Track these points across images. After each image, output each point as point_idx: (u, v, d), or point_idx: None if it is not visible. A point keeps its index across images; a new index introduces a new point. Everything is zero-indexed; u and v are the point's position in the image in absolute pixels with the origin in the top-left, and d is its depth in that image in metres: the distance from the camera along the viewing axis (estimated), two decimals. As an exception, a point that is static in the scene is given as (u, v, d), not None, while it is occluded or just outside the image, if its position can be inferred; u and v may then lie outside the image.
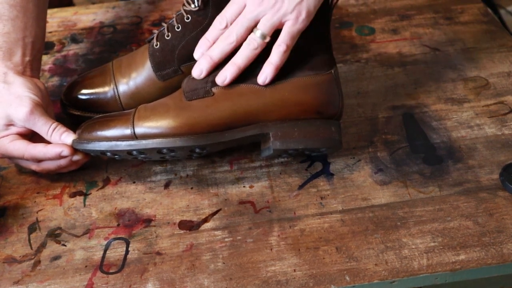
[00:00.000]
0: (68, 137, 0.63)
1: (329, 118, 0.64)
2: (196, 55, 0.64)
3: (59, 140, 0.63)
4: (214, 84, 0.61)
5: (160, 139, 0.61)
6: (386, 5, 0.96)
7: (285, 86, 0.62)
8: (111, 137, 0.61)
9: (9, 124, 0.64)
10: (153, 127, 0.60)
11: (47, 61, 0.87)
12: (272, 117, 0.62)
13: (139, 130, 0.61)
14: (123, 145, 0.61)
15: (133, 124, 0.61)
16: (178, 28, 0.70)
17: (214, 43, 0.63)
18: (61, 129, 0.64)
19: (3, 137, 0.64)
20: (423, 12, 0.94)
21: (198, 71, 0.63)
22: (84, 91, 0.72)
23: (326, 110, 0.63)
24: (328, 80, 0.63)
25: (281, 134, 0.62)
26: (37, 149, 0.63)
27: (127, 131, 0.61)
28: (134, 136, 0.61)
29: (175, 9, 0.98)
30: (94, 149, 0.62)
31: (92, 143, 0.62)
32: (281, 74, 0.62)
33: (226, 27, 0.62)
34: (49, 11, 0.92)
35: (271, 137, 0.62)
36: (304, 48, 0.62)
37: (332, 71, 0.63)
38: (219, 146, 0.63)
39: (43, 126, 0.64)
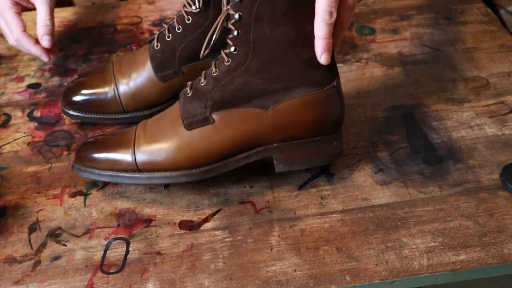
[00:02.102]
0: (48, 42, 0.79)
1: (331, 130, 0.63)
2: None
3: (40, 37, 0.79)
4: (213, 109, 0.59)
5: (163, 173, 0.61)
6: (386, 5, 0.96)
7: (287, 106, 0.59)
8: (113, 164, 0.61)
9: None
10: (154, 159, 0.60)
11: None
12: (274, 139, 0.61)
13: (141, 159, 0.60)
14: (126, 177, 0.61)
15: (134, 152, 0.60)
16: (179, 29, 0.70)
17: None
18: (49, 31, 0.79)
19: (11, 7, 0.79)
20: (423, 12, 0.94)
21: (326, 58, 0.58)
22: (84, 91, 0.72)
23: (328, 125, 0.62)
24: (331, 94, 0.61)
25: (284, 157, 0.62)
26: (27, 41, 0.80)
27: (128, 158, 0.60)
28: (136, 167, 0.60)
29: (175, 9, 0.98)
30: (96, 178, 0.63)
31: (93, 173, 0.62)
32: (282, 93, 0.59)
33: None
34: (49, 11, 0.92)
35: (274, 160, 0.63)
36: (306, 61, 0.59)
37: (334, 83, 0.61)
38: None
39: (45, 14, 0.79)
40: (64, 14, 0.97)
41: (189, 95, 0.61)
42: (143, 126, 0.63)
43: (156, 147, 0.60)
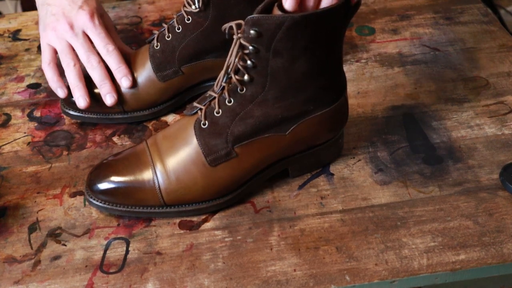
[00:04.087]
0: (126, 82, 0.71)
1: (338, 131, 0.65)
2: None
3: (119, 80, 0.71)
4: (234, 143, 0.59)
5: (194, 207, 0.61)
6: (386, 5, 0.96)
7: (303, 127, 0.61)
8: (138, 201, 0.60)
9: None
10: (182, 197, 0.60)
11: (47, 61, 0.87)
12: (291, 153, 0.63)
13: (168, 198, 0.60)
14: (157, 213, 0.61)
15: (160, 191, 0.59)
16: (178, 29, 0.70)
17: None
18: (124, 70, 0.71)
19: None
20: (423, 12, 0.94)
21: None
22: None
23: (338, 129, 0.65)
24: (342, 104, 0.63)
25: (299, 166, 0.65)
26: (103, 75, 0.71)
27: (155, 197, 0.60)
28: (164, 203, 0.60)
29: (175, 9, 0.98)
30: (122, 214, 0.62)
31: (117, 210, 0.61)
32: (299, 117, 0.60)
33: None
34: (49, 11, 0.92)
35: (289, 169, 0.64)
36: (321, 87, 0.60)
37: (344, 94, 0.63)
38: None
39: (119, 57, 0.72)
40: (64, 14, 0.97)
41: (206, 126, 0.59)
42: (159, 154, 0.60)
43: (182, 185, 0.59)
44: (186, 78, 0.73)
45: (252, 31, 0.53)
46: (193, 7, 0.69)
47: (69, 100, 0.73)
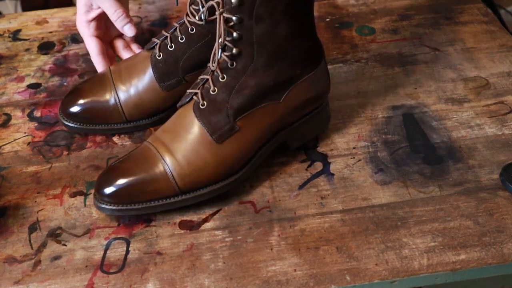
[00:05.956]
0: (130, 30, 0.78)
1: (325, 98, 0.69)
2: None
3: (121, 29, 0.78)
4: (235, 116, 0.61)
5: (209, 189, 0.61)
6: (386, 5, 0.96)
7: (294, 93, 0.63)
8: (152, 195, 0.60)
9: (89, 10, 0.78)
10: (196, 180, 0.60)
11: (47, 61, 0.87)
12: (288, 123, 0.65)
13: (182, 183, 0.60)
14: (173, 203, 0.61)
15: (175, 179, 0.59)
16: (182, 39, 0.69)
17: None
18: (124, 19, 0.77)
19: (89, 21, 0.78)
20: (423, 12, 0.94)
21: None
22: (82, 101, 0.70)
23: (326, 94, 0.68)
24: (323, 68, 0.66)
25: (296, 136, 0.67)
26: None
27: (170, 186, 0.59)
28: (179, 191, 0.60)
29: (176, 9, 0.98)
30: (138, 213, 0.61)
31: (134, 209, 0.60)
32: (289, 83, 0.63)
33: None
34: (49, 11, 0.92)
35: (288, 142, 0.66)
36: (304, 50, 0.63)
37: (323, 59, 0.66)
38: None
39: (110, 8, 0.76)
40: (64, 14, 0.97)
41: (204, 106, 0.61)
42: (164, 146, 0.60)
43: (194, 168, 0.60)
44: (190, 86, 0.72)
45: (234, 0, 0.56)
46: (197, 18, 0.66)
47: (67, 112, 0.71)
